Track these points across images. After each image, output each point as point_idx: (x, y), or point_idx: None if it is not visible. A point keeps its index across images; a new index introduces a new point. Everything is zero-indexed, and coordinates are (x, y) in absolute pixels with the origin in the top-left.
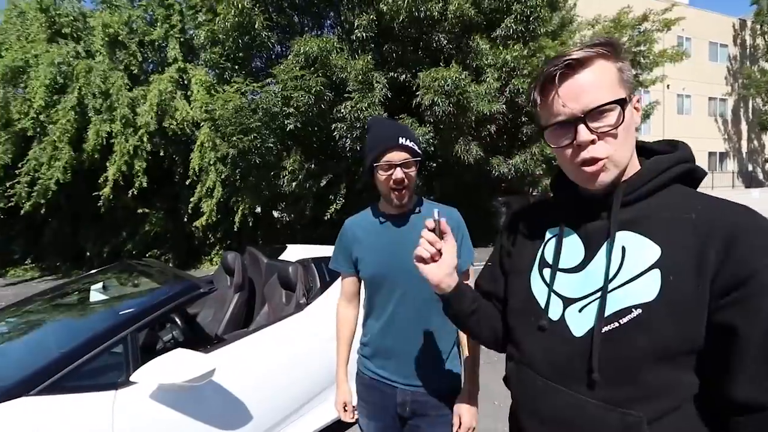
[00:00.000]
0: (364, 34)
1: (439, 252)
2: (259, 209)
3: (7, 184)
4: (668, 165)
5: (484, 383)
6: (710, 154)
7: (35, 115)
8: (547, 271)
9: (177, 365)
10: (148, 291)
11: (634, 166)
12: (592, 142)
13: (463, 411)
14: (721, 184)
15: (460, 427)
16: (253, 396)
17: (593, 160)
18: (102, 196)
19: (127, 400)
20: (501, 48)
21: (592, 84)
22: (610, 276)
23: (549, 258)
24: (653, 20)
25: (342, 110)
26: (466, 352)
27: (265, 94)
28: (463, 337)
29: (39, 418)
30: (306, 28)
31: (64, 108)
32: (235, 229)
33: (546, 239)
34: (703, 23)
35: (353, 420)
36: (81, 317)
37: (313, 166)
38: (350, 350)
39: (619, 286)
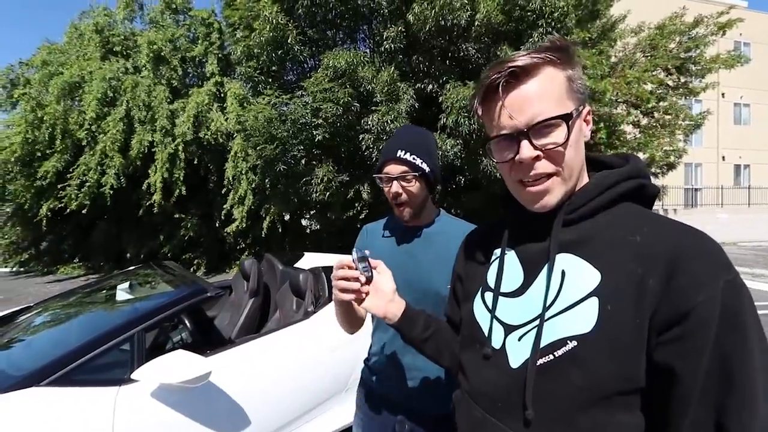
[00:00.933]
0: (392, 46)
1: (368, 282)
2: (287, 217)
3: (59, 186)
4: (616, 180)
5: None
6: None
7: (88, 126)
8: (488, 296)
9: (175, 366)
10: (160, 293)
11: (583, 183)
12: (536, 158)
13: None
14: None
15: None
16: (254, 400)
17: (536, 177)
18: (150, 202)
19: (129, 396)
20: None
21: (538, 95)
22: (548, 303)
23: (491, 282)
24: (707, 23)
25: (369, 122)
26: None
27: (295, 105)
28: None
29: (46, 409)
30: (338, 41)
31: (114, 119)
32: (263, 236)
33: (491, 261)
34: (765, 26)
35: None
36: (97, 315)
37: (343, 176)
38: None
39: (556, 314)
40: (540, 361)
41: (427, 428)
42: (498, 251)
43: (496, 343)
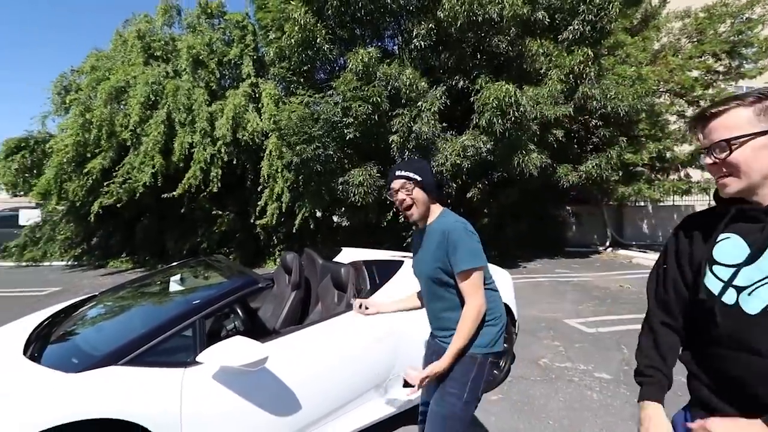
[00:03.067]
0: (422, 43)
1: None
2: (319, 213)
3: (105, 184)
4: None
5: (542, 402)
6: None
7: (133, 128)
8: (718, 268)
9: (235, 350)
10: (215, 284)
11: None
12: (715, 164)
13: (420, 370)
14: None
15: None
16: (303, 387)
17: (719, 176)
18: (177, 195)
19: (194, 377)
20: (565, 53)
21: (719, 126)
22: None
23: (719, 257)
24: (764, 3)
25: (395, 125)
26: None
27: (326, 104)
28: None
29: (123, 385)
30: (366, 39)
31: (155, 122)
32: (296, 232)
33: (716, 241)
34: None
35: (358, 310)
36: (160, 304)
37: (377, 179)
38: (401, 308)
39: None
40: None
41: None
42: (722, 235)
43: (729, 300)
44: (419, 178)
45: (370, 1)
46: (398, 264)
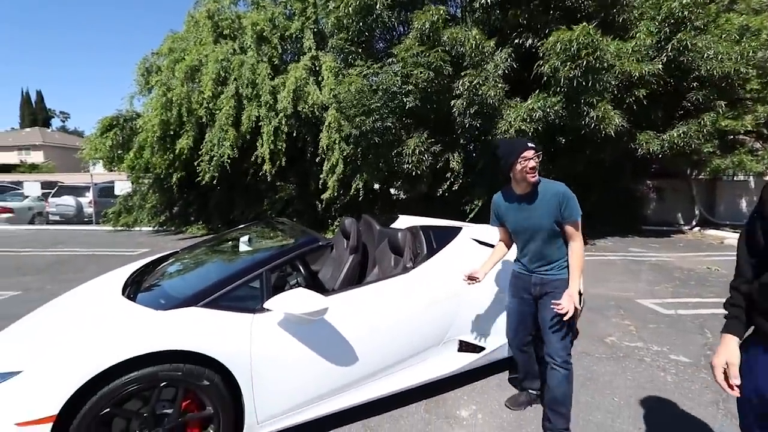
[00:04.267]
0: (487, 1)
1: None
2: (377, 186)
3: (195, 163)
4: None
5: (607, 378)
6: None
7: (207, 105)
8: None
9: (299, 299)
10: (279, 242)
11: None
12: None
13: (564, 299)
14: None
15: (560, 309)
16: (358, 341)
17: None
18: (261, 171)
19: (262, 322)
20: None
21: None
22: None
23: None
24: None
25: (459, 87)
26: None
27: (385, 74)
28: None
29: (201, 324)
30: (427, 2)
31: (226, 96)
32: (349, 202)
33: None
34: None
35: (468, 282)
36: (231, 259)
37: (433, 145)
38: (496, 262)
39: None
40: None
41: (546, 289)
42: None
43: None
44: (540, 149)
45: None
46: (456, 230)
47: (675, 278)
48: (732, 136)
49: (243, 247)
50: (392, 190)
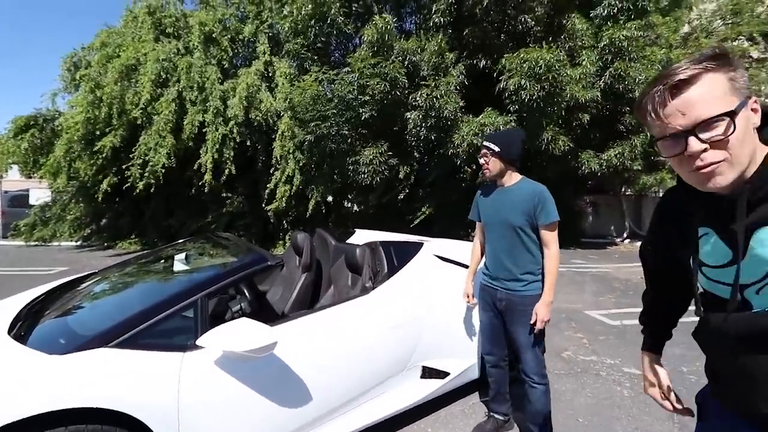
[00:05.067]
0: (441, 19)
1: None
2: (330, 198)
3: (123, 167)
4: None
5: (569, 397)
6: None
7: (144, 107)
8: (706, 269)
9: (241, 334)
10: (220, 261)
11: (756, 162)
12: (704, 150)
13: (539, 309)
14: None
15: (537, 320)
16: (312, 376)
17: (707, 166)
18: (201, 182)
19: (195, 363)
20: (608, 25)
21: (700, 98)
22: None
23: (705, 259)
24: None
25: (417, 98)
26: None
27: (341, 82)
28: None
29: (112, 370)
30: (383, 16)
31: (167, 100)
32: (308, 216)
33: (698, 237)
34: None
35: (472, 304)
36: (160, 281)
37: (389, 157)
38: (476, 269)
39: None
40: None
41: (514, 305)
42: (702, 229)
43: (728, 295)
44: (497, 149)
45: None
46: (417, 246)
47: (616, 288)
48: (654, 158)
49: (179, 266)
50: (346, 203)
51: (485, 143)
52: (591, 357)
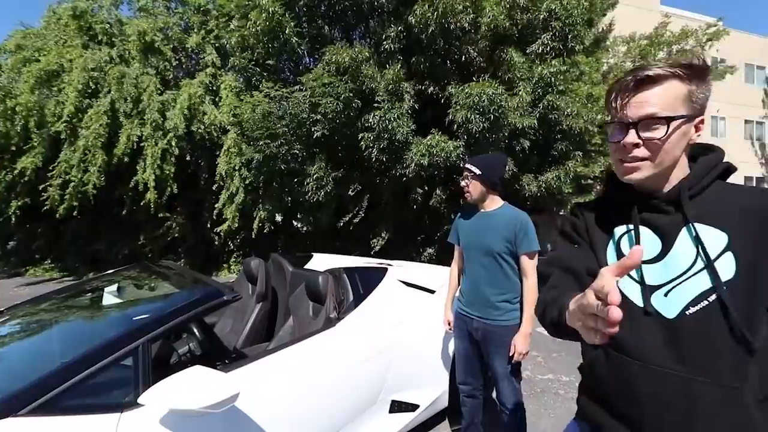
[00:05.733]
0: (392, 46)
1: None
2: (279, 218)
3: (40, 187)
4: (715, 163)
5: (533, 420)
6: (746, 178)
7: (68, 119)
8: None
9: (194, 387)
10: (165, 296)
11: (682, 168)
12: (636, 145)
13: (518, 341)
14: None
15: (515, 353)
16: (276, 425)
17: (632, 159)
18: (144, 201)
19: (135, 425)
20: (537, 63)
21: (654, 98)
22: (690, 263)
23: (626, 252)
24: (696, 35)
25: (370, 120)
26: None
27: (293, 100)
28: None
29: None
30: (336, 39)
31: (96, 113)
32: (253, 236)
33: (617, 236)
34: (739, 44)
35: (450, 329)
36: (88, 324)
37: (339, 175)
38: (454, 293)
39: (699, 271)
40: (693, 309)
41: (491, 336)
42: (623, 228)
43: (638, 302)
44: (478, 172)
45: None
46: (381, 271)
47: None
48: (583, 181)
49: (110, 302)
50: (295, 222)
51: (467, 165)
52: (548, 375)
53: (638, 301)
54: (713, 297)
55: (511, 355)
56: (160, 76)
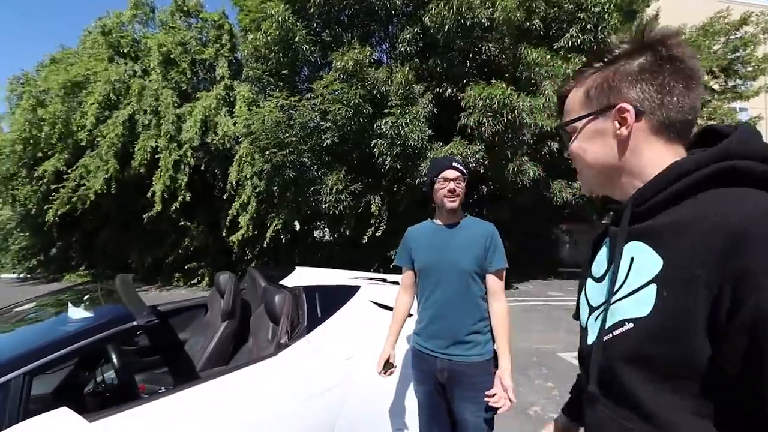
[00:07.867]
0: (408, 48)
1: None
2: (297, 226)
3: (53, 188)
4: (688, 169)
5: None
6: None
7: (90, 129)
8: (588, 281)
9: None
10: (66, 321)
11: (639, 173)
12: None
13: (505, 380)
14: None
15: (501, 396)
16: None
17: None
18: (150, 210)
19: None
20: (560, 61)
21: (566, 109)
22: (616, 287)
23: (591, 268)
24: (757, 21)
25: (382, 126)
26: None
27: (302, 108)
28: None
29: None
30: (352, 44)
31: (114, 123)
32: (266, 245)
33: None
34: None
35: (385, 375)
36: None
37: (352, 183)
38: (401, 325)
39: (621, 298)
40: (604, 338)
41: (460, 375)
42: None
43: (583, 321)
44: (466, 173)
45: (356, 2)
46: (352, 290)
47: None
48: None
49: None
50: (316, 232)
51: (454, 165)
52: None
53: (584, 322)
54: (619, 331)
55: (490, 397)
56: (179, 89)
